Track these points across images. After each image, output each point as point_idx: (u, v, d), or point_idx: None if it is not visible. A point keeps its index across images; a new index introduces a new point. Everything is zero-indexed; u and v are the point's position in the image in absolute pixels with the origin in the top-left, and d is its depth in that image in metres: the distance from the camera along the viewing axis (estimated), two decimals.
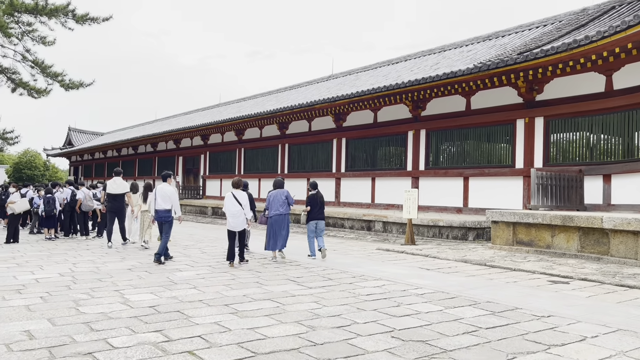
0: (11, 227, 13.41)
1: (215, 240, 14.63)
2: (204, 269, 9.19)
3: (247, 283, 7.81)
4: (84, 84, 20.43)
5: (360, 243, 14.85)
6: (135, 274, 8.56)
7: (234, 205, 9.69)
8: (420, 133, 18.89)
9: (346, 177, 21.83)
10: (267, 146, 26.55)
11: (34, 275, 8.24)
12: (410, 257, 11.39)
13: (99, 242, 13.83)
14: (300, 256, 11.09)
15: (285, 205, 10.57)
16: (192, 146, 33.93)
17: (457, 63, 18.13)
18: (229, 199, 9.80)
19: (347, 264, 10.09)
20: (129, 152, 43.27)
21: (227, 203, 9.77)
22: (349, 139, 21.90)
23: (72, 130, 60.94)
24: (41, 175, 78.24)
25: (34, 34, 20.44)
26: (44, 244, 13.16)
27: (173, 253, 11.47)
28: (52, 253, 11.24)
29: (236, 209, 9.66)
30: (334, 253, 12.00)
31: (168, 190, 10.24)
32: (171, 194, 10.22)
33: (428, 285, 7.82)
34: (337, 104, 19.77)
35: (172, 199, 10.22)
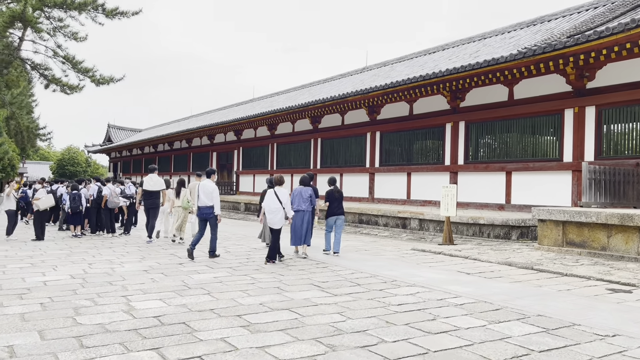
0: (37, 224, 13.19)
1: (243, 239, 14.06)
2: (223, 271, 8.58)
3: (266, 289, 7.12)
4: (114, 79, 20.26)
5: (394, 242, 14.00)
6: (150, 276, 8.01)
7: (274, 202, 9.60)
8: (459, 125, 17.83)
9: (380, 172, 20.96)
10: (300, 141, 25.91)
11: (44, 277, 7.79)
12: (449, 258, 10.48)
13: (124, 240, 13.47)
14: (329, 256, 10.37)
15: (307, 202, 10.47)
16: (226, 142, 33.66)
17: (499, 50, 16.97)
18: (269, 195, 9.74)
19: (379, 266, 9.30)
20: (164, 148, 43.50)
21: (267, 200, 9.73)
22: (383, 132, 21.00)
23: (111, 127, 62.03)
24: (83, 171, 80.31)
25: (66, 30, 20.39)
26: (69, 242, 12.88)
27: (196, 252, 10.95)
28: (73, 252, 10.88)
29: (276, 206, 9.59)
30: (365, 253, 11.20)
31: (210, 187, 10.09)
32: (213, 190, 10.07)
33: (468, 294, 6.95)
34: (370, 95, 18.90)
35: (214, 195, 10.07)
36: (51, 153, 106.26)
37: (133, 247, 11.97)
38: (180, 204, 13.36)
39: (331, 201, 11.04)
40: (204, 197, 10.03)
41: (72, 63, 19.78)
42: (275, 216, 9.62)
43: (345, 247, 12.31)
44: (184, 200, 13.31)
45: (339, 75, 29.32)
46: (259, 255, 10.65)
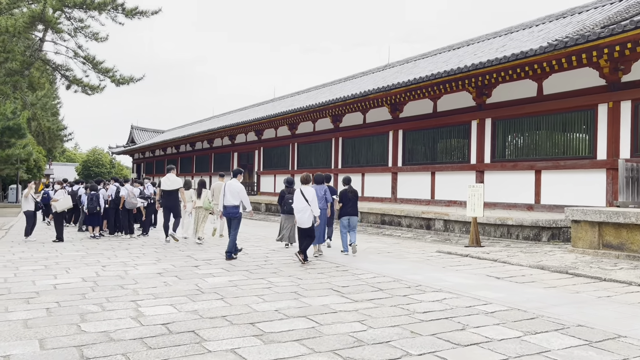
0: (57, 225, 13.08)
1: (263, 240, 13.74)
2: (239, 274, 8.23)
3: (283, 294, 6.74)
4: (134, 79, 20.17)
5: (418, 244, 13.50)
6: (163, 279, 7.71)
7: (301, 202, 9.51)
8: (485, 122, 17.22)
9: (403, 171, 20.44)
10: (321, 140, 25.53)
11: (55, 280, 7.55)
12: (476, 261, 9.95)
13: (141, 241, 13.27)
14: (346, 257, 9.95)
15: (322, 200, 10.53)
16: (247, 142, 33.49)
17: (527, 44, 16.31)
18: (297, 194, 9.65)
19: (402, 269, 8.83)
20: (186, 148, 43.61)
21: (295, 199, 9.68)
22: (406, 130, 20.48)
23: (134, 128, 62.59)
24: (107, 172, 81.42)
25: (87, 31, 20.38)
26: (86, 243, 12.72)
27: (213, 253, 10.67)
28: (89, 253, 10.68)
29: (303, 205, 9.48)
30: (388, 256, 10.74)
31: (237, 187, 10.15)
32: (240, 190, 10.14)
33: (499, 300, 6.46)
34: (392, 92, 18.41)
35: (241, 195, 10.14)
36: (77, 155, 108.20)
37: (150, 248, 11.74)
38: (201, 204, 13.32)
39: (345, 201, 10.94)
40: (230, 197, 10.04)
41: (93, 63, 19.76)
42: (304, 215, 9.49)
43: (366, 249, 11.88)
44: (205, 200, 13.30)
45: (361, 73, 28.86)
46: (277, 257, 10.29)
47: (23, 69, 18.47)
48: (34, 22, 16.92)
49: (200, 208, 13.34)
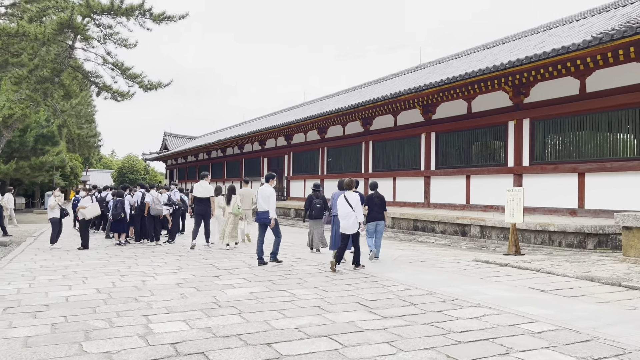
0: (83, 232, 12.91)
1: (290, 247, 13.25)
2: (261, 285, 7.74)
3: (305, 308, 6.21)
4: (162, 85, 20.05)
5: (453, 251, 12.78)
6: (181, 291, 7.29)
7: (344, 207, 9.29)
8: (522, 123, 16.34)
9: (436, 175, 19.67)
10: (351, 144, 24.96)
11: (69, 291, 7.22)
12: (517, 271, 9.21)
13: (166, 249, 12.97)
14: (375, 266, 9.35)
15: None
16: (276, 147, 33.21)
17: (567, 39, 15.38)
18: (340, 200, 9.43)
19: (436, 281, 8.19)
20: (217, 154, 43.71)
21: (339, 205, 9.46)
22: (439, 132, 19.72)
23: (167, 134, 63.35)
24: (142, 178, 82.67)
25: (116, 37, 20.39)
26: (110, 250, 12.50)
27: (237, 262, 10.24)
28: (110, 262, 10.40)
29: (346, 211, 9.26)
30: (421, 265, 10.09)
31: (268, 191, 10.01)
32: (270, 195, 9.95)
33: (546, 317, 5.77)
34: (424, 93, 17.71)
35: (270, 200, 9.95)
36: (114, 161, 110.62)
37: (173, 256, 11.41)
38: (230, 210, 13.32)
39: (371, 206, 10.75)
40: (262, 202, 9.94)
41: (122, 69, 19.74)
42: (348, 221, 9.28)
43: (398, 257, 11.26)
44: (234, 206, 13.28)
45: (391, 75, 28.19)
46: (302, 266, 9.78)
47: (53, 76, 18.57)
48: (63, 29, 16.97)
49: (230, 214, 13.34)
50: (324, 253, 12.18)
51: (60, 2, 18.30)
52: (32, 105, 17.88)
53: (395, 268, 9.54)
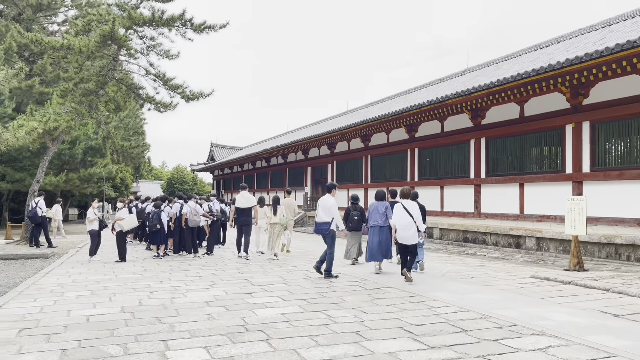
0: (120, 245, 12.70)
1: None
2: (295, 305, 7.12)
3: (341, 334, 5.54)
4: (203, 95, 19.91)
5: (507, 266, 11.78)
6: (209, 310, 6.76)
7: (404, 217, 8.98)
8: (582, 126, 15.14)
9: (487, 183, 18.58)
10: (395, 152, 24.13)
11: (92, 310, 6.83)
12: (583, 290, 8.21)
13: (203, 261, 12.58)
14: (422, 283, 8.56)
15: (384, 217, 10.11)
16: (320, 156, 32.73)
17: (631, 34, 14.13)
18: (398, 209, 9.13)
19: (490, 301, 7.33)
20: (262, 164, 43.70)
21: (396, 214, 9.14)
22: (489, 138, 18.66)
23: (214, 145, 64.14)
24: (190, 189, 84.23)
25: (158, 49, 20.47)
26: (147, 263, 12.21)
27: (274, 277, 9.67)
28: (144, 276, 10.06)
29: (407, 221, 8.96)
30: (472, 282, 9.21)
31: (329, 202, 9.69)
32: (331, 206, 9.63)
33: (626, 350, 4.86)
34: (473, 97, 16.76)
35: (332, 211, 9.57)
36: (164, 172, 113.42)
37: (209, 270, 10.97)
38: (277, 220, 13.32)
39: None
40: (321, 213, 9.65)
41: (163, 80, 19.76)
42: (408, 231, 8.97)
43: (447, 272, 10.40)
44: (280, 217, 13.33)
45: (437, 80, 27.21)
46: (341, 283, 9.10)
47: (98, 88, 18.74)
48: (105, 41, 17.09)
49: (276, 224, 13.31)
50: (362, 264, 11.53)
51: (104, 15, 18.48)
52: (77, 117, 18.05)
53: (443, 285, 8.72)
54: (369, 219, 10.40)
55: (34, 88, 28.44)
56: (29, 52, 30.26)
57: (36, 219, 16.06)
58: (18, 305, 7.12)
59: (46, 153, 18.58)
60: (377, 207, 10.30)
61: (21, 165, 28.21)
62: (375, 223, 10.17)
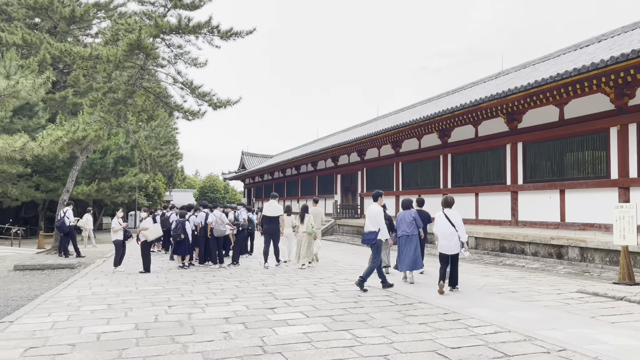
0: (145, 255, 12.45)
1: (359, 272, 12.05)
2: (319, 322, 6.61)
3: (368, 358, 5.00)
4: (230, 102, 19.72)
5: (549, 278, 10.99)
6: (227, 328, 6.32)
7: (447, 226, 8.91)
8: (628, 129, 14.19)
9: (524, 190, 17.70)
10: (427, 158, 23.40)
11: (105, 326, 6.48)
12: (638, 308, 7.44)
13: (228, 272, 12.19)
14: (458, 297, 7.92)
15: (412, 225, 9.89)
16: (350, 163, 32.21)
17: None
18: (440, 219, 9.04)
19: (534, 320, 6.66)
20: (292, 172, 43.44)
21: (438, 223, 9.04)
22: (526, 143, 17.79)
23: (244, 154, 64.41)
24: (222, 197, 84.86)
25: (186, 57, 20.41)
26: (171, 274, 11.91)
27: (299, 290, 9.19)
28: (165, 288, 9.72)
29: (449, 230, 8.86)
30: (512, 297, 8.51)
31: (375, 210, 9.44)
32: (377, 214, 9.36)
33: None
34: (509, 99, 15.97)
35: (378, 220, 9.35)
36: (197, 181, 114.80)
37: (233, 282, 10.57)
38: (304, 229, 13.18)
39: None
40: (368, 222, 9.44)
41: (191, 88, 19.66)
42: (450, 241, 8.87)
43: (484, 286, 9.73)
44: (308, 225, 13.14)
45: (470, 84, 26.38)
46: (370, 297, 8.54)
47: (126, 97, 18.74)
48: (132, 49, 17.05)
49: (305, 233, 13.22)
50: (393, 274, 10.96)
51: (132, 24, 18.49)
52: (106, 126, 18.06)
53: (481, 301, 8.07)
54: (398, 228, 10.13)
55: (67, 99, 28.94)
56: (63, 64, 30.83)
57: (64, 229, 16.05)
58: (30, 320, 6.84)
59: (76, 163, 18.65)
60: (404, 216, 10.06)
61: (55, 175, 28.67)
62: (404, 232, 9.91)
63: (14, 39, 26.17)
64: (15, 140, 11.94)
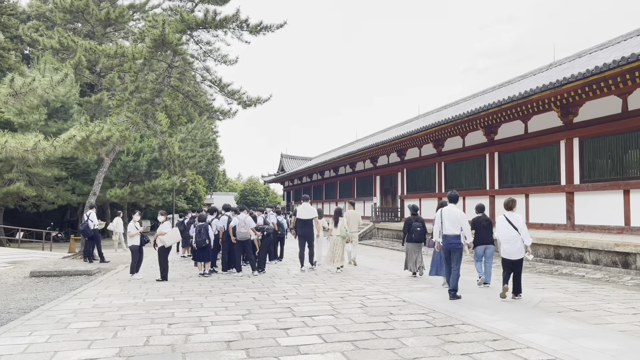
0: (162, 262, 11.58)
1: (395, 282, 10.79)
2: (338, 350, 5.42)
3: None
4: (260, 100, 18.79)
5: (617, 292, 9.41)
6: (224, 356, 5.23)
7: (509, 230, 8.55)
8: None
9: (582, 190, 15.92)
10: (472, 157, 21.78)
11: (85, 351, 5.49)
12: None
13: (250, 281, 11.15)
14: (511, 317, 6.56)
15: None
16: (389, 164, 30.80)
17: None
18: (502, 222, 8.72)
19: (609, 352, 5.26)
20: (330, 174, 42.37)
21: (500, 227, 8.71)
22: (583, 138, 16.02)
23: (283, 156, 63.80)
24: (262, 200, 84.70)
25: (215, 54, 19.66)
26: (188, 283, 10.96)
27: (322, 305, 8.03)
28: (175, 300, 8.75)
29: (512, 234, 8.50)
30: (575, 318, 7.06)
31: (457, 213, 8.90)
32: (461, 217, 8.88)
33: None
34: (564, 89, 14.32)
35: (462, 222, 8.87)
36: (239, 184, 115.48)
37: (252, 293, 9.51)
38: (338, 232, 12.80)
39: (477, 229, 10.17)
40: (448, 224, 8.87)
41: (220, 86, 18.85)
42: (514, 245, 8.52)
43: (540, 302, 8.29)
44: (342, 229, 12.77)
45: (519, 77, 24.54)
46: (404, 315, 7.27)
47: (153, 97, 18.10)
48: (157, 45, 16.37)
49: (337, 236, 12.81)
50: (434, 285, 9.68)
51: (159, 21, 17.84)
52: (132, 127, 17.44)
53: (538, 323, 6.67)
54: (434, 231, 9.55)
55: (102, 102, 28.83)
56: (100, 67, 30.82)
57: (87, 233, 15.47)
58: (6, 341, 5.95)
59: (102, 165, 18.13)
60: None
61: (91, 178, 28.57)
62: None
63: (51, 42, 26.16)
64: (28, 140, 11.32)
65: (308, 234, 13.12)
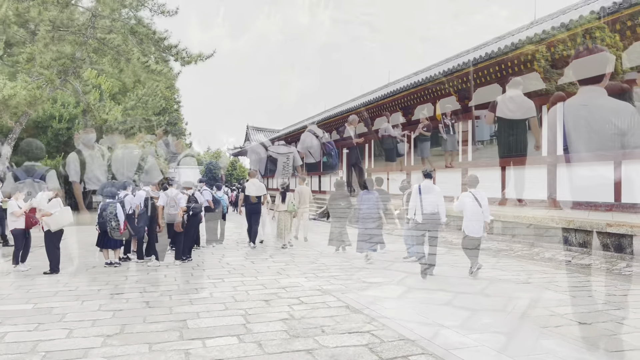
0: (48, 250, 9.09)
1: (346, 271, 8.62)
2: None
3: None
4: (202, 57, 16.20)
5: (622, 287, 7.45)
6: None
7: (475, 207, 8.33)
8: None
9: (565, 162, 13.96)
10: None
11: None
12: None
13: (160, 276, 8.82)
14: None
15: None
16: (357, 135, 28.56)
17: None
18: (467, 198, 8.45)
19: None
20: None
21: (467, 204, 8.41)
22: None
23: (250, 128, 61.17)
24: (229, 174, 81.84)
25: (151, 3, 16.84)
26: (76, 278, 8.54)
27: (234, 316, 5.78)
28: (36, 307, 6.34)
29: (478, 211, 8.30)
30: (584, 341, 4.98)
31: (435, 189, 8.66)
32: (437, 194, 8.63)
33: None
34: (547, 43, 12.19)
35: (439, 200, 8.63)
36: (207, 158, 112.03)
37: (153, 293, 7.19)
38: (285, 208, 12.73)
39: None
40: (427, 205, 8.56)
41: (154, 40, 16.11)
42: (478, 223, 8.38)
43: (528, 308, 6.20)
44: (289, 203, 12.78)
45: (495, 39, 22.37)
46: (339, 334, 5.04)
47: (74, 51, 15.28)
48: None
49: (284, 212, 12.72)
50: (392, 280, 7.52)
51: None
52: (45, 85, 14.67)
53: (532, 352, 4.55)
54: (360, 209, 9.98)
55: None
56: None
57: None
58: None
59: (12, 132, 15.36)
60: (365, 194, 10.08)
61: None
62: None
63: None
64: None
65: (255, 210, 12.69)
